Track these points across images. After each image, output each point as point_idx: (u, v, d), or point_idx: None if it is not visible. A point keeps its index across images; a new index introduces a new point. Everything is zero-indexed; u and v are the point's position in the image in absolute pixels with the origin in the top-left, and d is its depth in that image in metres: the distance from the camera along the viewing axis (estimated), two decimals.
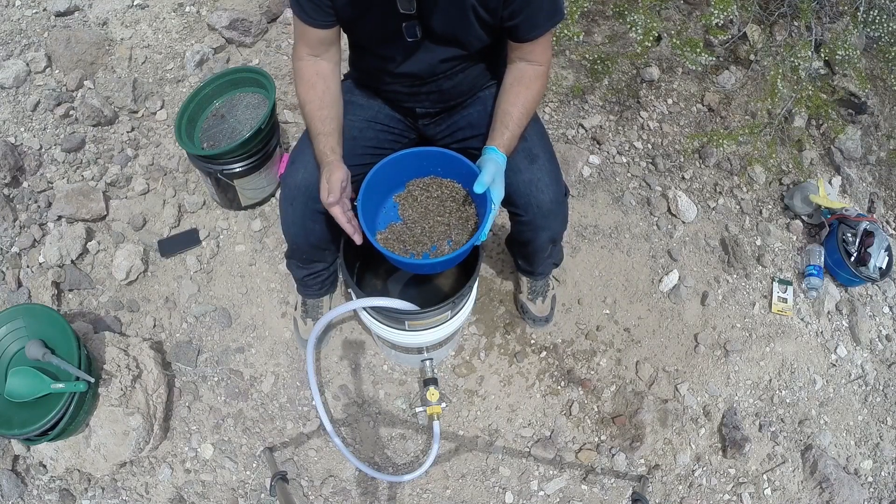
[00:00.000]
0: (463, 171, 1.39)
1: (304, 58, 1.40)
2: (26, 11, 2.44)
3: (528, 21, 1.27)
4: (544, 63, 1.38)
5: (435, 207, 1.45)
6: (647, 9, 2.14)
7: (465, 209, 1.44)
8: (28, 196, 2.12)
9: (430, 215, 1.45)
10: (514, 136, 1.38)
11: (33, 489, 1.80)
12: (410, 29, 1.29)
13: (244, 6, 2.51)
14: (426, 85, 1.46)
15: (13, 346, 1.67)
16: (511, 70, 1.40)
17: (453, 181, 1.45)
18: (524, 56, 1.37)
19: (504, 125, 1.37)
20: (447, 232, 1.43)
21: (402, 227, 1.45)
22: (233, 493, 1.83)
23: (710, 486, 1.93)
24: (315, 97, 1.40)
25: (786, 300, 2.19)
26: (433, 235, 1.43)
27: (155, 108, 2.35)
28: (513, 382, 1.99)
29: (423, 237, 1.43)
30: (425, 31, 1.30)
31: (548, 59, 1.39)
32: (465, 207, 1.43)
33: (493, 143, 1.36)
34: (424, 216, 1.45)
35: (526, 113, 1.38)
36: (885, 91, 2.67)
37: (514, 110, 1.37)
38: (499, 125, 1.38)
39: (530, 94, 1.38)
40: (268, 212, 2.21)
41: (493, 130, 1.39)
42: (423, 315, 1.45)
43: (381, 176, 1.40)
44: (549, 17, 1.29)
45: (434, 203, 1.46)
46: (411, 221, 1.45)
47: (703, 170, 2.42)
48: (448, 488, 1.86)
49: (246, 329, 2.03)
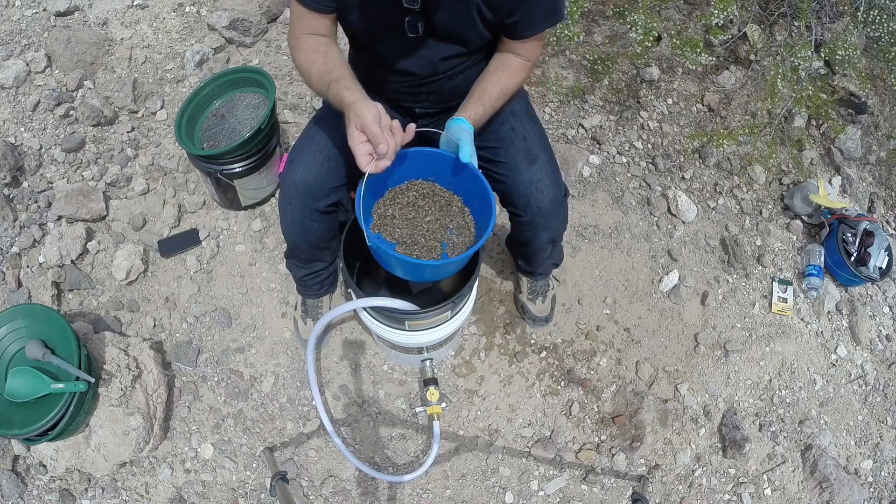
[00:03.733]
0: (446, 166, 1.32)
1: (302, 37, 1.33)
2: (26, 11, 2.44)
3: (524, 19, 1.27)
4: (532, 59, 1.38)
5: (425, 213, 1.38)
6: (647, 9, 2.14)
7: (459, 215, 1.37)
8: (28, 196, 2.12)
9: (418, 223, 1.36)
10: (486, 114, 1.36)
11: (33, 489, 1.80)
12: (413, 24, 1.28)
13: (244, 6, 2.51)
14: (426, 85, 1.45)
15: (13, 346, 1.67)
16: (497, 57, 1.39)
17: (438, 185, 1.37)
18: (513, 50, 1.37)
19: (480, 101, 1.34)
20: (445, 235, 1.37)
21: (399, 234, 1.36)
22: (233, 493, 1.83)
23: (710, 486, 1.93)
24: (319, 58, 1.30)
25: (786, 300, 2.19)
26: (430, 240, 1.36)
27: (155, 108, 2.35)
28: (513, 382, 1.99)
29: (420, 242, 1.36)
30: (427, 27, 1.29)
31: (536, 56, 1.38)
32: (458, 212, 1.38)
33: (463, 113, 1.32)
34: (413, 224, 1.36)
35: (502, 95, 1.37)
36: (885, 91, 2.67)
37: (493, 90, 1.36)
38: (474, 99, 1.34)
39: (511, 81, 1.37)
40: (268, 212, 2.21)
41: (467, 102, 1.35)
42: (423, 315, 1.44)
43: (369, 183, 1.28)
44: (546, 17, 1.29)
45: (424, 209, 1.38)
46: (404, 230, 1.36)
47: (703, 170, 2.42)
48: (448, 488, 1.86)
49: (246, 329, 2.03)
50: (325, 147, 1.48)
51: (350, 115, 1.17)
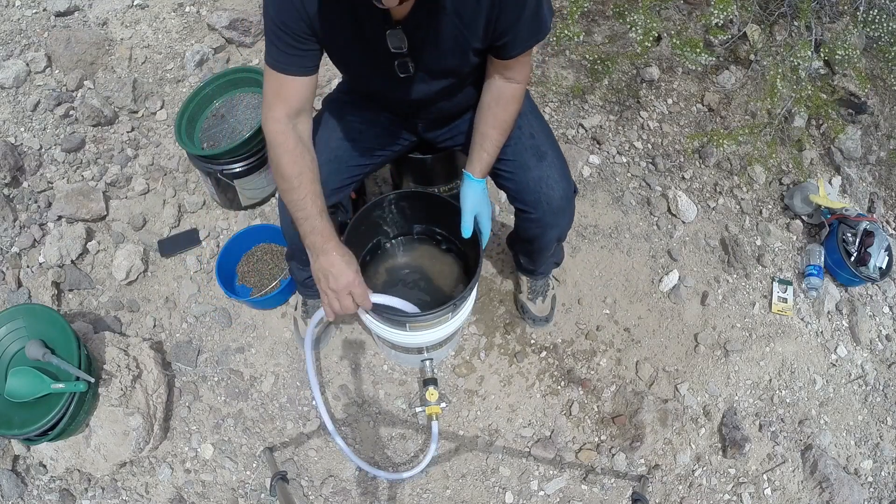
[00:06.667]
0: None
1: (282, 121, 1.25)
2: (26, 11, 2.44)
3: (513, 40, 1.24)
4: (522, 81, 1.36)
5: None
6: (647, 9, 2.14)
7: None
8: (28, 196, 2.12)
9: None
10: (492, 158, 1.41)
11: (33, 489, 1.80)
12: (403, 66, 1.27)
13: (244, 6, 2.51)
14: (424, 108, 1.46)
15: (13, 346, 1.67)
16: (489, 88, 1.38)
17: None
18: (503, 73, 1.34)
19: (483, 148, 1.39)
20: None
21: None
22: (233, 493, 1.83)
23: (710, 486, 1.93)
24: (307, 168, 1.27)
25: (786, 300, 2.19)
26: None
27: (155, 108, 2.35)
28: (513, 382, 1.99)
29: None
30: (418, 66, 1.27)
31: (526, 76, 1.36)
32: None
33: (470, 168, 1.41)
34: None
35: (503, 133, 1.39)
36: (885, 91, 2.67)
37: (493, 133, 1.38)
38: (477, 148, 1.40)
39: (507, 116, 1.38)
40: (268, 212, 2.21)
41: (472, 153, 1.41)
42: (423, 317, 1.45)
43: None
44: (532, 35, 1.25)
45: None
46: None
47: (703, 170, 2.41)
48: (448, 488, 1.86)
49: (246, 329, 2.03)
50: (324, 149, 1.48)
51: (323, 266, 1.28)
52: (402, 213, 1.67)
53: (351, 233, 1.52)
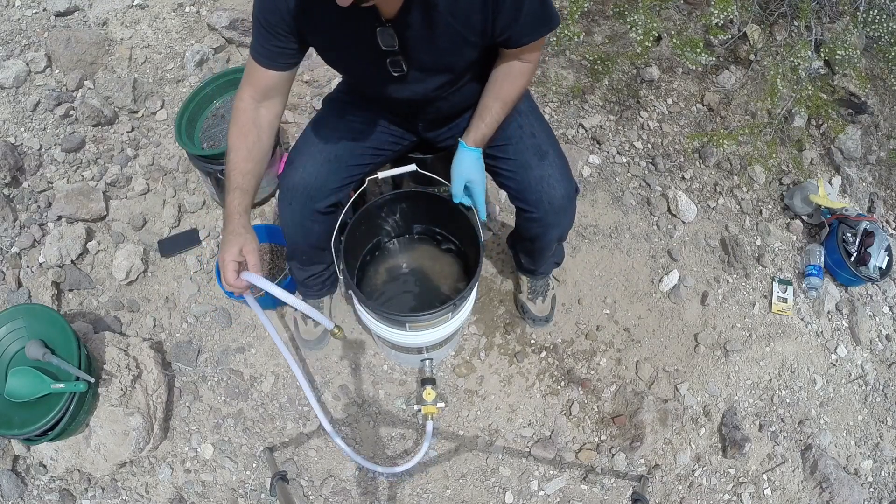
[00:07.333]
0: None
1: (246, 100, 1.36)
2: (26, 11, 2.44)
3: (518, 32, 1.25)
4: (532, 61, 1.38)
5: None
6: (647, 9, 2.14)
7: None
8: (28, 196, 2.12)
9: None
10: (489, 131, 1.40)
11: (33, 489, 1.80)
12: (395, 64, 1.27)
13: (244, 6, 2.51)
14: (423, 108, 1.46)
15: (13, 346, 1.67)
16: (500, 64, 1.38)
17: None
18: (518, 55, 1.35)
19: (481, 118, 1.39)
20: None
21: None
22: (233, 493, 1.83)
23: (710, 485, 1.93)
24: (244, 146, 1.35)
25: (786, 300, 2.19)
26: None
27: (155, 108, 2.35)
28: (513, 382, 1.99)
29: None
30: (410, 63, 1.27)
31: (536, 58, 1.38)
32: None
33: (465, 136, 1.40)
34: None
35: (506, 107, 1.39)
36: (885, 91, 2.67)
37: (495, 105, 1.38)
38: (476, 119, 1.40)
39: (513, 90, 1.38)
40: (268, 212, 2.21)
41: (471, 123, 1.41)
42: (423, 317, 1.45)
43: None
44: (541, 25, 1.26)
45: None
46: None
47: (703, 170, 2.41)
48: (448, 488, 1.86)
49: (246, 329, 2.03)
50: (324, 148, 1.48)
51: (234, 240, 1.32)
52: (402, 213, 1.67)
53: (351, 233, 1.52)
